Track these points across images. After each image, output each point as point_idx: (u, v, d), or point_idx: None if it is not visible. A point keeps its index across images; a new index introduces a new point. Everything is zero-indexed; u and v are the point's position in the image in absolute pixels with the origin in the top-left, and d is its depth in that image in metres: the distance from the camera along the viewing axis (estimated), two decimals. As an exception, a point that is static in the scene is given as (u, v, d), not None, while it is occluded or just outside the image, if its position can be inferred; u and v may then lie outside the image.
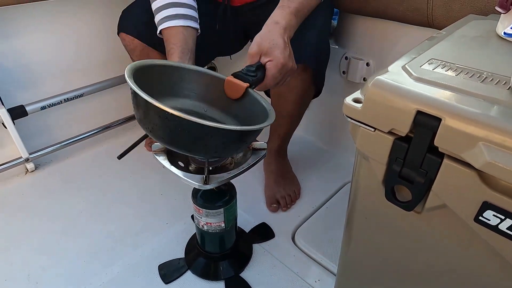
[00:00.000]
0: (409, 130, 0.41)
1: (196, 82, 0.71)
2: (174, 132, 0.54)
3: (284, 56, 0.68)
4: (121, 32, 0.96)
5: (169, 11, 0.81)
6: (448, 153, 0.39)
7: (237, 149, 0.62)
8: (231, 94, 0.68)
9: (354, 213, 0.56)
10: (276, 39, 0.68)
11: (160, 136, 0.57)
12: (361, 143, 0.47)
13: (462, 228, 0.41)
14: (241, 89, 0.65)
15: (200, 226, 0.78)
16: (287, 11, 0.72)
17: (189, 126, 0.52)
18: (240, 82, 0.65)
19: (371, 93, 0.43)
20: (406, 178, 0.44)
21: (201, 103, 0.72)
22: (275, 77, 0.68)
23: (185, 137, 0.55)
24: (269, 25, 0.70)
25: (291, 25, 0.72)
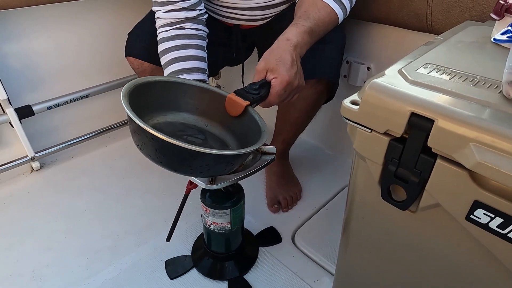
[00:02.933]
0: (404, 131, 0.42)
1: (199, 98, 0.73)
2: (160, 152, 0.56)
3: (290, 73, 0.66)
4: (129, 56, 0.98)
5: (175, 66, 0.81)
6: (441, 154, 0.40)
7: (224, 170, 0.62)
8: (231, 111, 0.68)
9: (351, 213, 0.57)
10: (284, 55, 0.67)
11: (147, 154, 0.59)
12: (358, 144, 0.49)
13: (455, 227, 0.43)
14: (241, 107, 0.66)
15: (207, 225, 0.80)
16: (301, 30, 0.70)
17: (172, 148, 0.53)
18: (241, 100, 0.66)
19: (368, 95, 0.45)
20: (401, 178, 0.45)
21: (203, 118, 0.74)
22: (279, 95, 0.67)
23: (170, 158, 0.57)
24: (279, 41, 0.69)
25: (303, 43, 0.70)
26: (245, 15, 0.91)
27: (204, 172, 0.60)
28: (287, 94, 0.69)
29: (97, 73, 1.31)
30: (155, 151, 0.57)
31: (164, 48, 0.82)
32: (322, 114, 1.28)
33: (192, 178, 0.67)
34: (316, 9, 0.73)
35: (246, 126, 0.69)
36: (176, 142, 0.52)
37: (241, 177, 0.66)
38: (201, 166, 0.58)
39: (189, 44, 0.82)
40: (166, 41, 0.82)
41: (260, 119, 0.68)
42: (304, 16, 0.72)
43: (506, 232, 0.37)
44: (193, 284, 0.84)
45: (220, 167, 0.61)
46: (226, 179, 0.65)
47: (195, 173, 0.61)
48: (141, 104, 0.62)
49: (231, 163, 0.62)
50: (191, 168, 0.58)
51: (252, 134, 0.67)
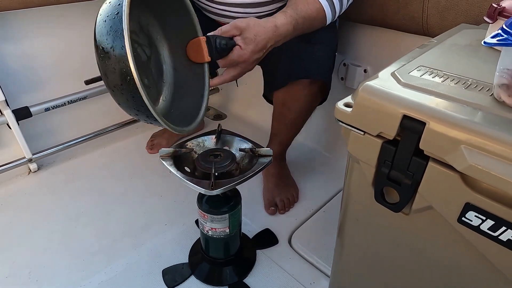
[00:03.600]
0: (396, 133, 0.42)
1: (173, 10, 0.67)
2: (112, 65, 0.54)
3: (253, 55, 0.67)
4: None
5: None
6: (432, 156, 0.40)
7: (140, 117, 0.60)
8: (190, 53, 0.66)
9: (346, 215, 0.58)
10: (262, 38, 0.67)
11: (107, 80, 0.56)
12: (352, 146, 0.49)
13: (447, 229, 0.43)
14: (201, 59, 0.65)
15: (204, 232, 0.79)
16: (288, 20, 0.71)
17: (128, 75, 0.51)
18: (206, 53, 0.64)
19: (361, 98, 0.45)
20: (394, 180, 0.45)
21: (159, 29, 0.68)
22: (231, 63, 0.67)
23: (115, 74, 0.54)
24: (267, 22, 0.69)
25: (285, 35, 0.71)
26: (238, 12, 0.91)
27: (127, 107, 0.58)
28: (233, 69, 0.69)
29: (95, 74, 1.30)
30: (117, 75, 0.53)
31: None
32: (319, 117, 1.29)
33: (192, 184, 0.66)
34: (306, 3, 0.74)
35: (191, 78, 0.66)
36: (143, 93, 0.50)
37: (240, 181, 0.66)
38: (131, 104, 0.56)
39: None
40: None
41: (207, 85, 0.66)
42: (293, 7, 0.73)
43: (497, 234, 0.38)
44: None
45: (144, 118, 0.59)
46: (225, 184, 0.65)
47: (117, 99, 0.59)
48: None
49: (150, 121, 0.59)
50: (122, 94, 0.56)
51: (191, 91, 0.64)
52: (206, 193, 0.64)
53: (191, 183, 0.65)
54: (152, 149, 1.32)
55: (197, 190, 0.65)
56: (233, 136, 0.79)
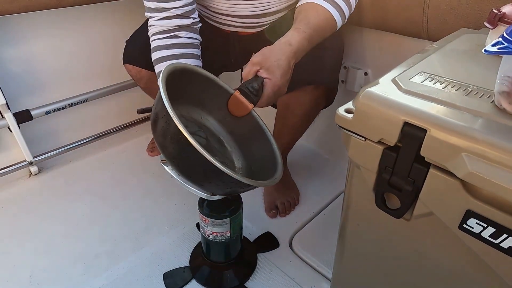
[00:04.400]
0: (397, 140, 0.42)
1: (200, 86, 0.70)
2: (191, 166, 0.56)
3: (283, 79, 0.67)
4: (127, 64, 0.98)
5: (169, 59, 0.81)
6: (433, 163, 0.40)
7: (239, 191, 0.64)
8: (234, 110, 0.68)
9: (347, 220, 0.58)
10: (282, 59, 0.66)
11: (175, 162, 0.58)
12: (352, 152, 0.49)
13: (448, 235, 0.43)
14: (246, 110, 0.66)
15: (206, 236, 0.79)
16: (301, 36, 0.69)
17: (209, 167, 0.53)
18: (247, 102, 0.65)
19: (362, 104, 0.45)
20: (395, 186, 0.45)
21: (199, 109, 0.72)
22: (269, 97, 0.67)
23: (198, 174, 0.57)
24: (281, 44, 0.68)
25: (302, 50, 0.70)
26: (243, 22, 0.92)
27: (220, 190, 0.61)
28: (273, 99, 0.69)
29: (96, 78, 1.31)
30: (187, 164, 0.56)
31: (159, 56, 0.81)
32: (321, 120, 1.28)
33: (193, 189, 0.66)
34: (316, 15, 0.73)
35: (246, 129, 0.68)
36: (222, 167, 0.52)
37: None
38: (223, 187, 0.58)
39: (185, 53, 0.81)
40: (162, 49, 0.81)
41: (264, 125, 0.67)
42: (305, 21, 0.72)
43: (499, 241, 0.38)
44: (192, 294, 0.83)
45: (240, 190, 0.62)
46: None
47: (209, 189, 0.62)
48: None
49: (251, 188, 0.62)
50: (217, 186, 0.58)
51: (254, 138, 0.66)
52: (207, 198, 0.64)
53: (192, 187, 0.65)
54: (152, 152, 1.32)
55: (198, 195, 0.66)
56: None
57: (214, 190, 0.62)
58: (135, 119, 1.43)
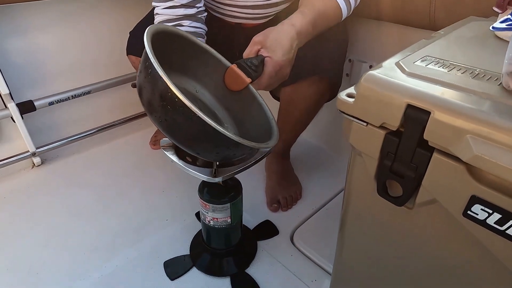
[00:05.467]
0: (400, 124, 0.41)
1: (197, 59, 0.67)
2: (193, 133, 0.53)
3: (284, 58, 0.65)
4: (130, 55, 0.97)
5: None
6: (437, 147, 0.39)
7: (233, 157, 0.61)
8: (230, 84, 0.65)
9: (348, 210, 0.56)
10: (284, 39, 0.65)
11: (172, 132, 0.55)
12: (354, 138, 0.48)
13: (452, 223, 0.41)
14: (243, 84, 0.64)
15: (206, 222, 0.79)
16: (306, 19, 0.68)
17: (212, 133, 0.50)
18: (244, 76, 0.63)
19: (363, 87, 0.43)
20: (397, 173, 0.44)
21: (193, 81, 0.69)
22: (270, 76, 0.66)
23: (202, 140, 0.54)
24: (284, 24, 0.67)
25: (306, 34, 0.68)
26: (247, 13, 0.91)
27: (213, 156, 0.57)
28: (276, 79, 0.67)
29: (100, 70, 1.31)
30: (185, 131, 0.53)
31: None
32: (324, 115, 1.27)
33: (194, 172, 0.65)
34: (322, 1, 0.72)
35: (244, 105, 0.66)
36: (228, 134, 0.49)
37: (241, 169, 0.66)
38: (216, 150, 0.55)
39: None
40: None
41: (261, 99, 0.66)
42: (310, 5, 0.70)
43: (504, 228, 0.36)
44: (194, 282, 0.83)
45: (234, 155, 0.58)
46: (227, 172, 0.64)
47: (201, 153, 0.58)
48: None
49: (247, 153, 0.60)
50: (217, 154, 0.55)
51: (251, 115, 0.64)
52: (209, 180, 0.63)
53: (193, 170, 0.64)
54: (155, 145, 1.32)
55: (199, 178, 0.65)
56: None
57: (204, 154, 0.59)
58: (138, 113, 1.42)
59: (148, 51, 0.51)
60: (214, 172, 0.64)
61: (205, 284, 0.82)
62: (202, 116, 0.49)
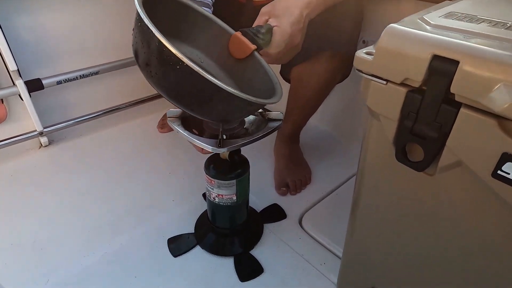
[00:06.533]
0: (424, 78, 0.38)
1: (200, 27, 0.65)
2: (182, 86, 0.51)
3: (293, 28, 0.62)
4: None
5: None
6: (465, 102, 0.36)
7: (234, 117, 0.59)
8: (234, 52, 0.63)
9: (362, 182, 0.53)
10: (293, 8, 0.63)
11: (162, 86, 0.53)
12: (371, 100, 0.45)
13: (479, 188, 0.38)
14: (248, 50, 0.61)
15: (211, 199, 0.77)
16: None
17: (204, 85, 0.48)
18: (248, 42, 0.61)
19: (384, 41, 0.40)
20: (419, 134, 0.41)
21: (198, 51, 0.67)
22: (279, 46, 0.63)
23: (192, 95, 0.52)
24: None
25: (316, 4, 0.65)
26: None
27: (214, 115, 0.55)
28: (285, 50, 0.64)
29: (109, 51, 1.29)
30: (175, 84, 0.51)
31: None
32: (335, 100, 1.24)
33: (199, 142, 0.63)
34: None
35: (247, 72, 0.63)
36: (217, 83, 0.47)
37: (248, 142, 0.63)
38: (222, 108, 0.53)
39: None
40: None
41: (269, 68, 0.63)
42: None
43: (540, 187, 0.33)
44: (197, 260, 0.81)
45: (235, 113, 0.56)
46: (233, 143, 0.62)
47: (211, 116, 0.56)
48: None
49: (249, 110, 0.57)
50: (211, 109, 0.53)
51: (257, 82, 0.61)
52: (213, 151, 0.60)
53: (198, 141, 0.61)
54: (162, 128, 1.30)
55: (204, 148, 0.62)
56: None
57: (206, 115, 0.58)
58: (146, 96, 1.41)
59: (138, 7, 0.49)
60: (219, 143, 0.61)
61: (208, 263, 0.80)
62: (190, 64, 0.46)
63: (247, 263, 0.80)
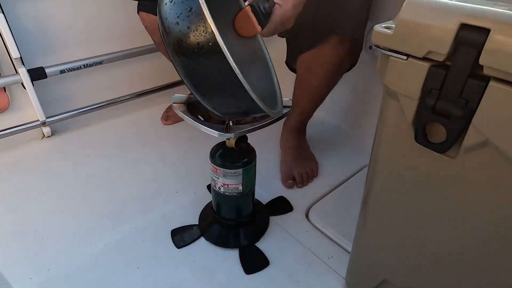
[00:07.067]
0: (450, 50, 0.35)
1: None
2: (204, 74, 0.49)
3: (293, 12, 0.61)
4: (141, 11, 0.92)
5: None
6: (495, 75, 0.33)
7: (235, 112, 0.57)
8: (240, 28, 0.59)
9: (376, 170, 0.51)
10: None
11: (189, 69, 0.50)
12: (390, 78, 0.42)
13: (505, 171, 0.35)
14: (254, 31, 0.58)
15: (216, 189, 0.75)
16: None
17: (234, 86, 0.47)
18: (256, 24, 0.57)
19: (406, 12, 0.38)
20: (442, 113, 0.38)
21: None
22: (276, 26, 0.60)
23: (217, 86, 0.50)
24: None
25: None
26: None
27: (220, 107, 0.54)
28: (279, 29, 0.62)
29: (113, 40, 1.27)
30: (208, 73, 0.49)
31: None
32: (343, 92, 1.21)
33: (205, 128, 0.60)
34: None
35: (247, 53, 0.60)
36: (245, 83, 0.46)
37: (255, 128, 0.61)
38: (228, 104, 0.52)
39: None
40: None
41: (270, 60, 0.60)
42: None
43: None
44: (201, 252, 0.78)
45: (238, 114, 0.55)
46: (240, 129, 0.60)
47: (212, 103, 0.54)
48: None
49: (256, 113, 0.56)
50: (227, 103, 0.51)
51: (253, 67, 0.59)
52: (220, 136, 0.58)
53: (204, 126, 0.59)
54: (167, 120, 1.28)
55: (210, 133, 0.60)
56: None
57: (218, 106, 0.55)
58: (151, 87, 1.39)
59: None
60: (226, 128, 0.59)
61: (212, 255, 0.78)
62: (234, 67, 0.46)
63: (253, 256, 0.77)
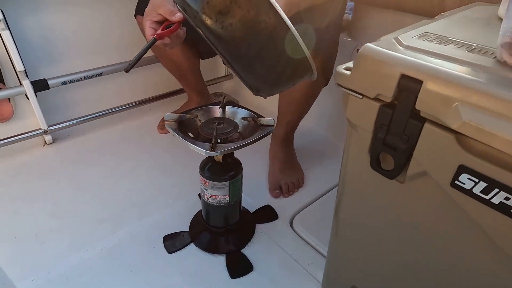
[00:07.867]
0: (394, 95, 0.42)
1: None
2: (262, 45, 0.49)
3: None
4: (138, 15, 0.98)
5: None
6: (428, 117, 0.39)
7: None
8: None
9: (343, 187, 0.57)
10: None
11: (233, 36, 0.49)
12: (350, 112, 0.48)
13: (441, 196, 0.42)
14: None
15: (205, 199, 0.81)
16: None
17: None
18: None
19: (360, 59, 0.44)
20: (390, 145, 0.45)
21: None
22: None
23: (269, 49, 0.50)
24: None
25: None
26: None
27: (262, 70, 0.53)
28: None
29: (112, 53, 1.34)
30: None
31: None
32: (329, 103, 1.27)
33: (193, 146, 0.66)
34: None
35: None
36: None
37: (240, 146, 0.67)
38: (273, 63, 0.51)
39: None
40: None
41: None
42: None
43: (489, 197, 0.36)
44: (191, 257, 0.85)
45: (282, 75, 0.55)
46: (226, 147, 0.66)
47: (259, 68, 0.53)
48: None
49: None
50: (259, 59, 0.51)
51: None
52: (206, 154, 0.64)
53: (192, 144, 0.66)
54: (163, 129, 1.34)
55: (197, 151, 0.66)
56: (238, 108, 0.79)
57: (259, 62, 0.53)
58: (148, 97, 1.45)
59: None
60: (212, 146, 0.65)
61: (201, 260, 0.84)
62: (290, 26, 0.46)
63: (238, 261, 0.84)
